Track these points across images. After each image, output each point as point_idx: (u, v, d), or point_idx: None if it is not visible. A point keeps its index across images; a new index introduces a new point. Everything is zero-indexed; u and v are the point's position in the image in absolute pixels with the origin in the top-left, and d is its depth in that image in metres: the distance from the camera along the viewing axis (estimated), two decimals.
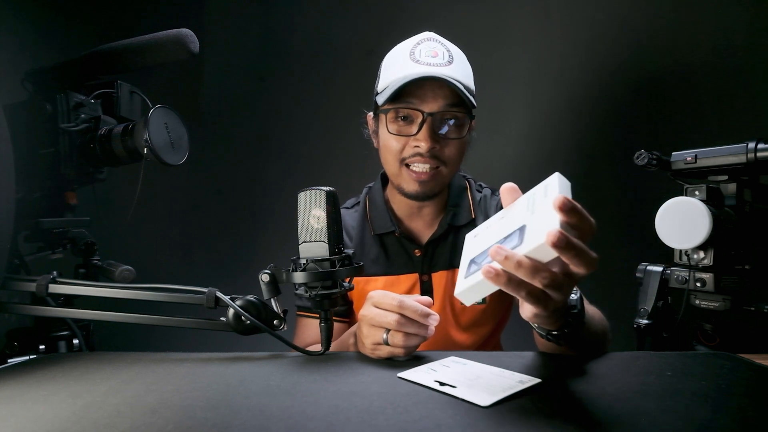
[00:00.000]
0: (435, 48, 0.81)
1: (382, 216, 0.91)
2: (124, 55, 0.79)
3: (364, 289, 0.89)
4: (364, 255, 0.90)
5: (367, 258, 0.90)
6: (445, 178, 0.85)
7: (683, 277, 0.85)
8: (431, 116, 0.78)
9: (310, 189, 0.57)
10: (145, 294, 0.61)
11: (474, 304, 0.87)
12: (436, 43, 0.83)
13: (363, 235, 0.92)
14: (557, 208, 0.39)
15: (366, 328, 0.59)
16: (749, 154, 0.79)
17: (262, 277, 0.59)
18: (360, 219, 0.94)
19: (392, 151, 0.82)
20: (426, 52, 0.81)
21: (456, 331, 0.89)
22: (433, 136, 0.79)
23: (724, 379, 0.49)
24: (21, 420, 0.42)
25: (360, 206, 0.96)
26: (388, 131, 0.82)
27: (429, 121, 0.78)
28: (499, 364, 0.53)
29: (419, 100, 0.79)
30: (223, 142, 1.65)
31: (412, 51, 0.82)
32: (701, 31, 1.36)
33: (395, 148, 0.82)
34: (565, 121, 1.50)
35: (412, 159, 0.81)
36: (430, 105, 0.78)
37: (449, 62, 0.80)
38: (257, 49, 1.68)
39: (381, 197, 0.93)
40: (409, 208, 0.90)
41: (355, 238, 0.92)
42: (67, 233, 0.81)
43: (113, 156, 0.78)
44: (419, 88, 0.78)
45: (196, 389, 0.48)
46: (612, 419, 0.39)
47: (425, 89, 0.78)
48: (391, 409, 0.42)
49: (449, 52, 0.82)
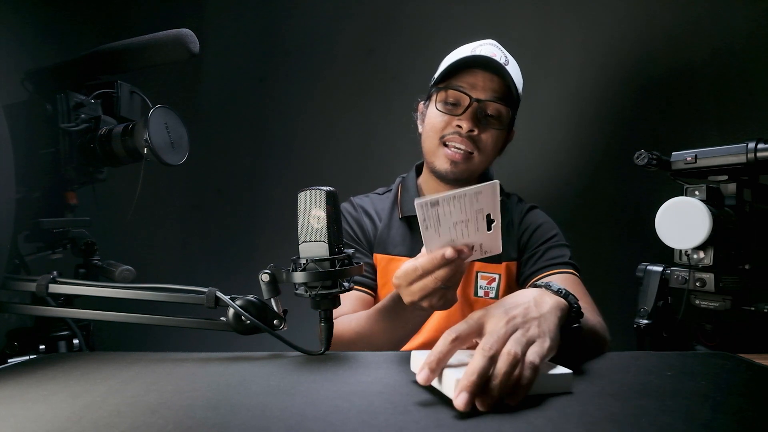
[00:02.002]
0: (494, 51, 0.89)
1: (412, 199, 0.95)
2: (124, 55, 0.79)
3: (387, 267, 0.94)
4: (390, 235, 0.96)
5: (393, 238, 0.95)
6: (476, 166, 0.90)
7: (683, 277, 0.85)
8: (478, 102, 0.85)
9: (310, 189, 0.57)
10: (145, 294, 0.61)
11: (485, 299, 0.92)
12: (494, 47, 0.90)
13: (391, 217, 0.98)
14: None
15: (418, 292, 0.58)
16: (749, 154, 0.79)
17: (262, 277, 0.59)
18: (390, 203, 1.00)
19: (435, 128, 0.89)
20: (486, 50, 0.88)
21: None
22: (475, 119, 0.86)
23: (724, 379, 0.49)
24: (21, 420, 0.42)
25: (392, 192, 1.02)
26: (435, 108, 0.89)
27: (474, 107, 0.85)
28: None
29: (470, 86, 0.86)
30: (223, 142, 1.65)
31: (473, 48, 0.90)
32: (701, 31, 1.36)
33: (438, 125, 0.88)
34: (565, 121, 1.50)
35: (450, 137, 0.88)
36: (479, 92, 0.86)
37: (505, 63, 0.87)
38: (257, 49, 1.68)
39: (414, 183, 1.00)
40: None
41: (384, 220, 0.98)
42: (67, 233, 0.81)
43: (113, 156, 0.78)
44: (472, 76, 0.86)
45: (196, 389, 0.48)
46: (612, 419, 0.39)
47: (477, 78, 0.86)
48: (391, 409, 0.42)
49: (506, 57, 0.90)
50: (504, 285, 0.92)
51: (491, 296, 0.92)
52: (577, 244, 0.96)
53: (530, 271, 0.90)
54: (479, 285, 0.93)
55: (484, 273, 0.93)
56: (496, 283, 0.92)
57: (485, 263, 0.92)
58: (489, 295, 0.92)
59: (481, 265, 0.93)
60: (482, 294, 0.92)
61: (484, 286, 0.93)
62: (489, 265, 0.92)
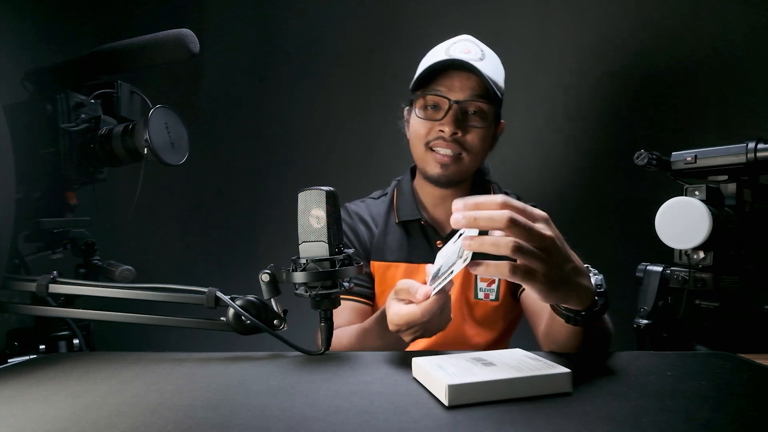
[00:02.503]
0: (468, 47, 0.87)
1: (408, 204, 0.95)
2: (124, 55, 0.79)
3: (384, 274, 0.93)
4: (387, 241, 0.94)
5: (390, 244, 0.94)
6: (467, 166, 0.89)
7: (683, 277, 0.85)
8: (457, 104, 0.84)
9: (310, 189, 0.57)
10: (145, 294, 0.61)
11: (486, 301, 0.92)
12: (470, 42, 0.89)
13: (388, 222, 0.96)
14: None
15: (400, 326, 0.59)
16: (749, 154, 0.79)
17: (262, 277, 0.59)
18: (386, 208, 0.98)
19: (419, 135, 0.88)
20: (460, 49, 0.87)
21: (470, 327, 0.91)
22: (457, 122, 0.84)
23: (724, 379, 0.49)
24: (21, 420, 0.42)
25: (388, 196, 1.01)
26: (416, 116, 0.88)
27: (454, 109, 0.84)
28: None
29: (447, 89, 0.85)
30: (223, 142, 1.65)
31: (447, 48, 0.88)
32: (701, 31, 1.36)
33: (422, 132, 0.88)
34: (565, 121, 1.50)
35: (435, 142, 0.87)
36: (457, 94, 0.84)
37: (481, 59, 0.86)
38: (257, 49, 1.68)
39: (409, 187, 0.98)
40: (434, 198, 0.95)
41: (380, 225, 0.96)
42: (67, 233, 0.81)
43: (113, 156, 0.78)
44: (448, 78, 0.85)
45: (196, 389, 0.48)
46: (612, 419, 0.39)
47: (453, 79, 0.85)
48: (391, 409, 0.42)
49: (482, 51, 0.88)
50: (504, 285, 0.91)
51: (491, 298, 0.91)
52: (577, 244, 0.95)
53: None
54: (479, 287, 0.92)
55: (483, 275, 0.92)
56: (495, 285, 0.92)
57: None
58: (489, 296, 0.92)
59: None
60: (482, 296, 0.92)
61: (484, 288, 0.92)
62: None
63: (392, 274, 0.92)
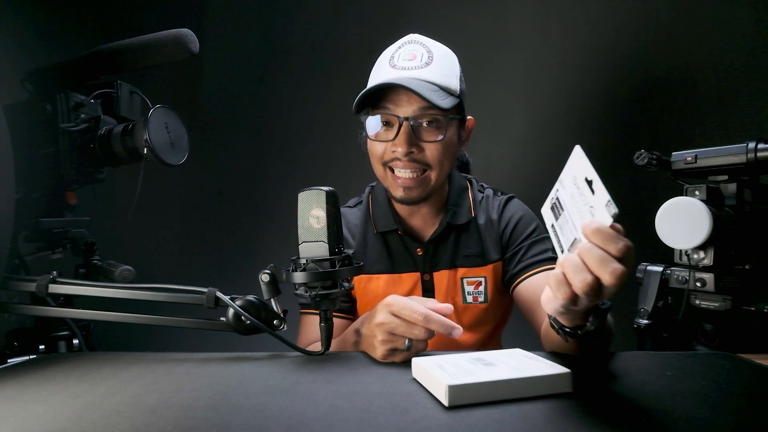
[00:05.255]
0: (414, 51, 0.81)
1: (384, 214, 0.91)
2: (124, 55, 0.79)
3: (366, 287, 0.89)
4: (366, 253, 0.91)
5: (370, 256, 0.90)
6: (434, 182, 0.83)
7: (683, 277, 0.85)
8: (407, 120, 0.78)
9: (310, 189, 0.57)
10: (145, 294, 0.61)
11: (476, 304, 0.89)
12: (416, 45, 0.82)
13: (366, 233, 0.92)
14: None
15: (384, 335, 0.57)
16: (749, 154, 0.78)
17: (262, 277, 0.59)
18: (363, 217, 0.94)
19: (375, 156, 0.83)
20: (404, 56, 0.81)
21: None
22: (410, 140, 0.78)
23: (724, 379, 0.49)
24: (21, 420, 0.42)
25: (363, 205, 0.96)
26: (368, 137, 0.83)
27: (405, 126, 0.78)
28: None
29: (394, 105, 0.79)
30: (223, 142, 1.65)
31: (392, 56, 0.82)
32: (701, 31, 1.36)
33: (377, 153, 0.82)
34: (564, 121, 1.50)
35: (393, 163, 0.82)
36: (405, 109, 0.78)
37: (427, 64, 0.79)
38: (257, 49, 1.68)
39: (384, 195, 0.92)
40: (408, 209, 0.90)
41: (357, 237, 0.92)
42: (67, 233, 0.81)
43: (113, 156, 0.78)
44: (394, 93, 0.78)
45: (196, 389, 0.48)
46: (612, 419, 0.39)
47: (399, 94, 0.78)
48: (391, 409, 0.42)
49: (429, 53, 0.81)
50: (492, 287, 0.89)
51: (480, 300, 0.88)
52: None
53: (515, 270, 0.87)
54: (467, 291, 0.89)
55: (469, 278, 0.88)
56: (483, 287, 0.89)
57: (469, 268, 0.88)
58: (478, 299, 0.88)
59: (465, 271, 0.88)
60: (471, 300, 0.89)
61: (472, 292, 0.89)
62: (473, 270, 0.88)
63: (374, 286, 0.89)
